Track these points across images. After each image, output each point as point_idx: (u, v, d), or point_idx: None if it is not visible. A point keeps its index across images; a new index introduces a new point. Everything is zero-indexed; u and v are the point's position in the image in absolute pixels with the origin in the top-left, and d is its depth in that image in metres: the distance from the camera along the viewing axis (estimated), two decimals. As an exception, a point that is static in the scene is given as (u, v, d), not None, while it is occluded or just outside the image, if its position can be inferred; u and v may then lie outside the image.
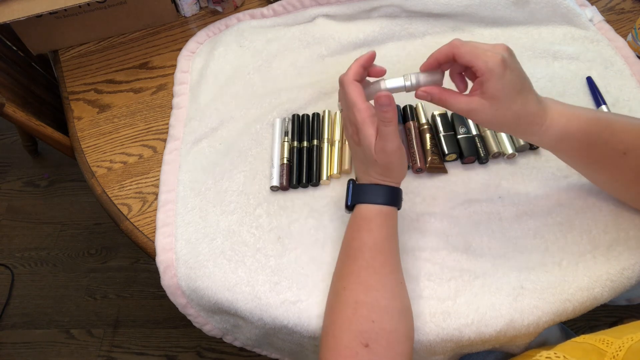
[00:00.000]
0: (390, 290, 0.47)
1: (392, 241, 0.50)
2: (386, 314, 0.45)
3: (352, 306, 0.46)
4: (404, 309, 0.47)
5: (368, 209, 0.50)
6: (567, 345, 0.43)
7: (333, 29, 0.76)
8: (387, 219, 0.50)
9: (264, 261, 0.57)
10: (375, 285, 0.47)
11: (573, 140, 0.48)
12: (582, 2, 0.77)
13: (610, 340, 0.40)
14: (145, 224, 0.62)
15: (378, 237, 0.48)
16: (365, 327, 0.44)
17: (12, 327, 1.31)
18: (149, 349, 1.25)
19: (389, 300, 0.46)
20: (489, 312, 0.51)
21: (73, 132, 0.72)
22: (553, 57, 0.71)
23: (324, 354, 0.46)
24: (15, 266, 1.40)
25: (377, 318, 0.45)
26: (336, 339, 0.45)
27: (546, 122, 0.47)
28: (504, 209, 0.58)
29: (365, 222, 0.49)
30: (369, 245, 0.48)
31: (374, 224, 0.49)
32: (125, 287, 1.35)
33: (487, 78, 0.44)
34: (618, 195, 0.55)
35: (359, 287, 0.47)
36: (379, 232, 0.49)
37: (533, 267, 0.54)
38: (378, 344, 0.44)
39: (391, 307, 0.46)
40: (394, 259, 0.49)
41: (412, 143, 0.62)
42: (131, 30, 0.82)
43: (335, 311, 0.48)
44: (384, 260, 0.48)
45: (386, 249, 0.49)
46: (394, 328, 0.45)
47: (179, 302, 0.59)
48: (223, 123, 0.69)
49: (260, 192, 0.62)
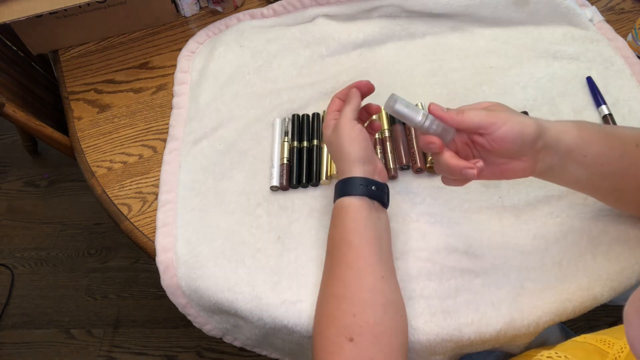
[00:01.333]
0: (369, 284, 0.46)
1: (363, 234, 0.48)
2: (368, 308, 0.45)
3: (332, 302, 0.47)
4: (388, 302, 0.47)
5: (336, 205, 0.51)
6: (568, 344, 0.43)
7: (333, 29, 0.76)
8: (355, 210, 0.49)
9: (264, 261, 0.57)
10: (352, 280, 0.47)
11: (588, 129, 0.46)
12: (582, 2, 0.77)
13: (611, 341, 0.40)
14: (145, 224, 0.62)
15: (345, 232, 0.48)
16: (347, 321, 0.44)
17: (12, 327, 1.31)
18: (149, 349, 1.25)
19: (369, 293, 0.46)
20: (489, 312, 0.51)
21: (73, 132, 0.72)
22: (553, 57, 0.71)
23: (314, 351, 0.46)
24: (15, 266, 1.40)
25: (358, 312, 0.45)
26: (322, 336, 0.46)
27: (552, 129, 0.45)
28: (503, 209, 0.58)
29: (334, 218, 0.51)
30: (337, 241, 0.49)
31: (340, 219, 0.50)
32: (125, 287, 1.35)
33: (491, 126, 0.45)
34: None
35: (337, 282, 0.47)
36: (344, 226, 0.49)
37: (533, 267, 0.54)
38: (363, 338, 0.44)
39: (372, 301, 0.46)
40: (368, 252, 0.48)
41: (412, 143, 0.62)
42: (131, 30, 0.82)
43: (319, 309, 0.49)
44: (355, 255, 0.47)
45: (356, 242, 0.48)
46: (378, 321, 0.45)
47: (179, 302, 0.59)
48: (223, 123, 0.69)
49: (260, 192, 0.62)
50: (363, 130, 0.52)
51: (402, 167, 0.62)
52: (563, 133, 0.46)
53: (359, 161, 0.50)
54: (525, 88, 0.68)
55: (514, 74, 0.70)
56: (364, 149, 0.50)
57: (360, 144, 0.50)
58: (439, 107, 0.47)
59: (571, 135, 0.46)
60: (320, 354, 0.45)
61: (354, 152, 0.50)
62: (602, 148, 0.46)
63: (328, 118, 0.55)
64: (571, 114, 0.65)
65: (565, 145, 0.46)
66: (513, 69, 0.70)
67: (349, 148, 0.50)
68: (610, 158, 0.46)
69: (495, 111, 0.46)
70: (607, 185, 0.49)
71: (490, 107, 0.47)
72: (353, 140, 0.50)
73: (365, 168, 0.50)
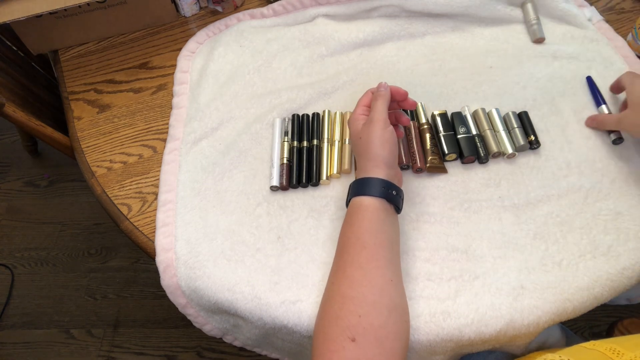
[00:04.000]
0: (378, 286, 0.46)
1: (378, 236, 0.48)
2: (374, 310, 0.45)
3: (339, 301, 0.46)
4: (394, 306, 0.47)
5: (354, 202, 0.50)
6: (575, 349, 0.42)
7: (333, 29, 0.76)
8: (373, 211, 0.49)
9: (264, 261, 0.57)
10: (362, 281, 0.46)
11: None
12: (581, 2, 0.77)
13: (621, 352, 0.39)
14: (145, 224, 0.62)
15: (361, 232, 0.48)
16: (352, 321, 0.44)
17: (12, 327, 1.31)
18: (148, 349, 1.25)
19: (377, 296, 0.46)
20: (489, 312, 0.51)
21: (73, 132, 0.72)
22: (553, 56, 0.71)
23: (314, 349, 0.46)
24: (15, 266, 1.40)
25: (364, 313, 0.44)
26: (325, 334, 0.46)
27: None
28: (503, 209, 0.58)
29: (350, 216, 0.50)
30: (352, 240, 0.49)
31: (356, 218, 0.49)
32: (125, 287, 1.35)
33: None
34: None
35: (346, 281, 0.47)
36: (360, 226, 0.49)
37: (533, 267, 0.54)
38: (365, 339, 0.43)
39: (379, 303, 0.46)
40: (380, 254, 0.48)
41: (412, 143, 0.62)
42: (131, 30, 0.82)
43: (324, 306, 0.48)
44: (368, 256, 0.47)
45: (370, 243, 0.48)
46: (383, 324, 0.45)
47: (179, 302, 0.59)
48: (223, 123, 0.69)
49: (260, 192, 0.62)
50: (394, 133, 0.52)
51: (402, 167, 0.62)
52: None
53: (385, 164, 0.50)
54: (525, 88, 0.68)
55: (513, 73, 0.70)
56: (392, 152, 0.51)
57: (391, 147, 0.51)
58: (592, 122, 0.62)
59: None
60: (321, 351, 0.45)
61: (383, 154, 0.50)
62: None
63: (357, 112, 0.54)
64: (571, 113, 0.65)
65: None
66: (513, 68, 0.70)
67: (379, 149, 0.50)
68: None
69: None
70: None
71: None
72: (385, 142, 0.50)
73: (389, 172, 0.51)
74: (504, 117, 0.64)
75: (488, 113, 0.65)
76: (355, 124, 0.54)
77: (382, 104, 0.52)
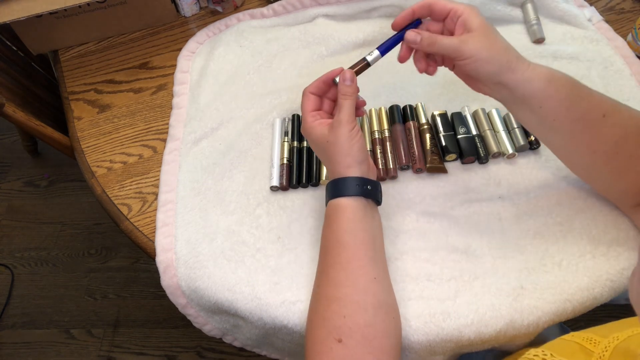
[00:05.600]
0: (361, 286, 0.46)
1: (358, 235, 0.48)
2: (358, 309, 0.45)
3: (324, 303, 0.47)
4: (379, 304, 0.46)
5: (331, 205, 0.50)
6: (556, 343, 0.43)
7: (333, 29, 0.76)
8: (351, 211, 0.48)
9: (264, 261, 0.57)
10: (345, 282, 0.46)
11: (559, 86, 0.47)
12: (581, 2, 0.77)
13: (597, 340, 0.40)
14: (145, 224, 0.62)
15: (340, 232, 0.48)
16: (337, 322, 0.44)
17: (12, 327, 1.31)
18: (148, 349, 1.25)
19: (360, 295, 0.46)
20: (489, 312, 0.51)
21: (73, 132, 0.72)
22: (553, 56, 0.71)
23: (305, 352, 0.47)
24: (15, 266, 1.40)
25: (348, 313, 0.45)
26: (313, 336, 0.46)
27: (531, 64, 0.48)
28: (503, 209, 0.58)
29: (328, 218, 0.50)
30: (331, 242, 0.49)
31: (334, 219, 0.49)
32: (125, 287, 1.35)
33: (469, 13, 0.48)
34: (590, 173, 0.53)
35: (329, 283, 0.47)
36: (339, 227, 0.48)
37: (533, 267, 0.54)
38: (352, 339, 0.43)
39: (364, 302, 0.45)
40: (362, 253, 0.47)
41: (412, 143, 0.62)
42: (131, 30, 0.82)
43: (311, 310, 0.49)
44: (349, 256, 0.47)
45: (351, 243, 0.47)
46: (369, 322, 0.45)
47: (179, 302, 0.59)
48: (223, 123, 0.69)
49: (260, 192, 0.62)
50: (358, 126, 0.51)
51: (402, 167, 0.62)
52: (527, 82, 0.48)
53: (356, 161, 0.49)
54: (525, 88, 0.68)
55: (514, 74, 0.70)
56: (361, 149, 0.50)
57: (359, 143, 0.49)
58: (414, 35, 0.52)
59: (534, 86, 0.47)
60: (310, 354, 0.45)
61: (352, 152, 0.49)
62: (560, 106, 0.48)
63: (309, 120, 0.51)
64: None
65: (522, 92, 0.48)
66: (513, 69, 0.70)
67: (349, 149, 0.49)
68: (564, 117, 0.48)
69: (467, 42, 0.47)
70: (557, 140, 0.52)
71: (467, 29, 0.48)
72: (353, 141, 0.49)
73: (362, 168, 0.50)
74: (504, 117, 0.64)
75: (488, 113, 0.65)
76: (318, 130, 0.51)
77: (351, 105, 0.50)
